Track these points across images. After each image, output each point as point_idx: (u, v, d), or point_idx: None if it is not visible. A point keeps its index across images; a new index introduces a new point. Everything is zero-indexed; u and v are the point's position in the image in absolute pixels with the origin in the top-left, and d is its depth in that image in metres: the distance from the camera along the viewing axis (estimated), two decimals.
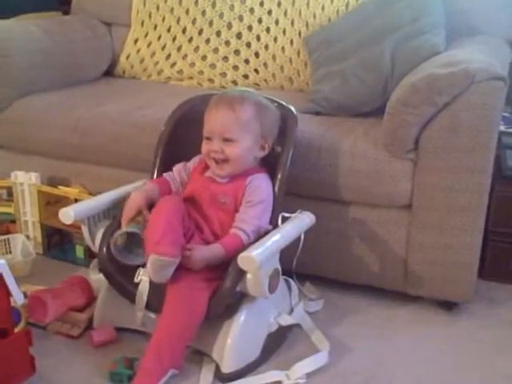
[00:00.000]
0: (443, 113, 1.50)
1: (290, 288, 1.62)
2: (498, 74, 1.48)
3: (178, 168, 1.58)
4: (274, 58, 2.21)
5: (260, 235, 1.41)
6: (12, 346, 1.29)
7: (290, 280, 1.63)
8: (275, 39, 2.21)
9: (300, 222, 1.49)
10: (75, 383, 1.38)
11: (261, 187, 1.47)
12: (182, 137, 1.62)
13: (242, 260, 1.30)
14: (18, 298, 1.33)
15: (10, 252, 1.84)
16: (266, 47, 2.22)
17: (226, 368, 1.38)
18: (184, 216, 1.41)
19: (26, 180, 1.89)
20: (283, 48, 2.20)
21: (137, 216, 1.45)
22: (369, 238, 1.65)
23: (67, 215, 1.50)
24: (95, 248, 1.54)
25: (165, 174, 1.58)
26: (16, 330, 1.36)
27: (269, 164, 1.53)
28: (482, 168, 1.52)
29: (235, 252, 1.34)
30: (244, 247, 1.35)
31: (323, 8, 2.14)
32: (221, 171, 1.48)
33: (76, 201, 1.78)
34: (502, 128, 1.80)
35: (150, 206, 1.46)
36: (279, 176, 1.51)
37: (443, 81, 1.48)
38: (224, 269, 1.37)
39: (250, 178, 1.47)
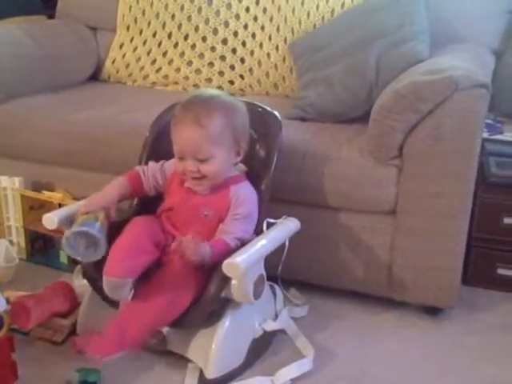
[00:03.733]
0: (427, 120, 1.51)
1: (274, 294, 1.62)
2: (481, 81, 1.49)
3: (153, 169, 1.51)
4: (259, 63, 2.21)
5: (243, 244, 1.39)
6: None
7: (275, 286, 1.63)
8: (261, 45, 2.22)
9: (285, 227, 1.49)
10: None
11: (247, 200, 1.44)
12: (167, 142, 1.59)
13: (227, 266, 1.30)
14: (0, 304, 1.32)
15: None
16: (252, 53, 2.23)
17: (211, 374, 1.38)
18: (156, 236, 1.41)
19: (9, 185, 1.88)
20: (269, 54, 2.20)
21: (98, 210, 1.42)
22: (353, 244, 1.66)
23: (50, 221, 1.48)
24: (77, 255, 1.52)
25: (139, 170, 1.52)
26: None
27: (253, 168, 1.52)
28: (466, 174, 1.54)
29: (221, 256, 1.34)
30: (229, 253, 1.34)
31: (308, 15, 2.15)
32: (200, 187, 1.44)
33: (60, 206, 1.76)
34: (485, 135, 1.82)
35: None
36: (264, 182, 1.51)
37: (427, 88, 1.49)
38: (208, 274, 1.36)
39: (233, 189, 1.44)
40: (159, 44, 2.35)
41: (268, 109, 1.60)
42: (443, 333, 1.63)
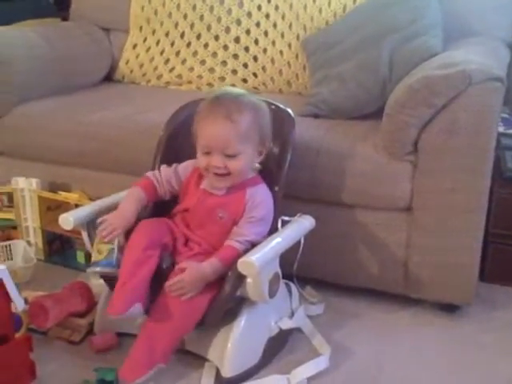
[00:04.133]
0: (441, 114, 1.50)
1: (290, 292, 1.62)
2: (495, 74, 1.48)
3: (166, 174, 1.51)
4: (272, 61, 2.21)
5: (254, 246, 1.38)
6: (12, 351, 1.30)
7: (291, 284, 1.63)
8: (273, 43, 2.21)
9: (299, 225, 1.49)
10: None
11: (262, 203, 1.43)
12: (181, 141, 1.61)
13: (242, 265, 1.30)
14: (18, 304, 1.33)
15: (12, 258, 1.84)
16: (265, 51, 2.22)
17: (227, 372, 1.38)
18: (161, 238, 1.42)
19: (26, 186, 1.89)
20: (281, 51, 2.20)
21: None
22: (369, 241, 1.65)
23: (67, 221, 1.49)
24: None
25: (151, 177, 1.51)
26: (17, 335, 1.36)
27: (267, 166, 1.51)
28: (481, 169, 1.52)
29: (231, 261, 1.34)
30: (239, 257, 1.32)
31: (320, 11, 2.14)
32: (221, 184, 1.43)
33: (76, 206, 1.78)
34: (501, 129, 1.80)
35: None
36: (278, 180, 1.50)
37: (441, 82, 1.48)
38: (224, 274, 1.37)
39: (249, 192, 1.43)
40: (172, 44, 2.35)
41: (281, 106, 1.60)
42: (460, 330, 1.62)
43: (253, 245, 1.38)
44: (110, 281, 1.43)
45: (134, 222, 1.44)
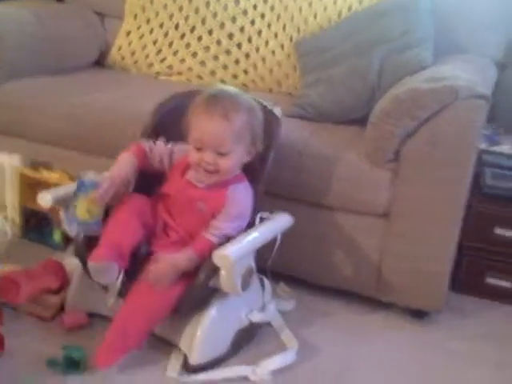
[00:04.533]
0: (425, 126, 1.53)
1: (263, 286, 1.63)
2: (480, 92, 1.52)
3: (161, 150, 1.51)
4: (263, 60, 2.23)
5: (230, 239, 1.40)
6: None
7: (264, 278, 1.64)
8: (266, 42, 2.23)
9: (277, 223, 1.51)
10: (44, 363, 1.38)
11: (241, 200, 1.45)
12: (166, 130, 1.61)
13: (217, 257, 1.32)
14: None
15: None
16: (257, 49, 2.24)
17: (194, 359, 1.40)
18: (145, 217, 1.44)
19: (7, 161, 1.89)
20: (273, 51, 2.22)
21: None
22: (345, 243, 1.68)
23: (45, 199, 1.49)
24: (72, 233, 1.54)
25: (145, 147, 1.51)
26: None
27: (250, 162, 1.51)
28: (460, 182, 1.56)
29: (206, 253, 1.37)
30: (213, 250, 1.35)
31: (315, 16, 2.17)
32: (209, 180, 1.44)
33: (56, 185, 1.77)
34: (483, 146, 1.84)
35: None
36: (260, 176, 1.52)
37: (427, 95, 1.51)
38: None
39: (231, 188, 1.44)
40: (165, 34, 2.36)
41: (269, 105, 1.60)
42: (429, 336, 1.65)
43: (228, 239, 1.40)
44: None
45: (130, 185, 1.47)
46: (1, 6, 2.23)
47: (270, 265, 1.57)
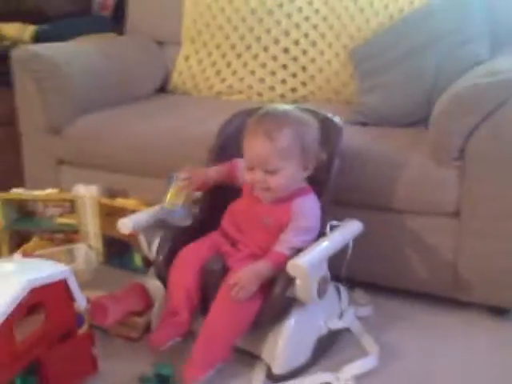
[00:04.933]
0: (487, 121, 1.53)
1: (339, 293, 1.66)
2: None
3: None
4: (320, 71, 2.26)
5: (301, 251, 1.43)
6: (76, 346, 1.40)
7: (340, 286, 1.67)
8: (321, 53, 2.27)
9: (347, 230, 1.54)
10: (136, 382, 1.45)
11: (308, 213, 1.48)
12: (232, 150, 1.66)
13: (291, 267, 1.36)
14: (81, 303, 1.42)
15: (74, 261, 1.93)
16: (313, 61, 2.28)
17: (278, 369, 1.44)
18: (202, 260, 1.52)
19: (87, 193, 1.99)
20: (329, 61, 2.25)
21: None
22: (418, 245, 1.69)
23: (125, 225, 1.59)
24: (152, 255, 1.62)
25: (238, 161, 1.59)
26: (79, 332, 1.44)
27: (315, 173, 1.54)
28: None
29: (280, 265, 1.40)
30: (287, 261, 1.39)
31: (368, 21, 2.19)
32: (266, 197, 1.49)
33: (133, 212, 1.86)
34: None
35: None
36: (325, 186, 1.55)
37: (487, 90, 1.51)
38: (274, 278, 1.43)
39: (295, 202, 1.48)
40: (223, 55, 2.44)
41: (328, 115, 1.65)
42: (510, 333, 1.63)
43: (298, 251, 1.43)
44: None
45: (211, 182, 1.60)
46: (68, 45, 2.37)
47: (345, 272, 1.60)
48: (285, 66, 2.33)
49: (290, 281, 1.39)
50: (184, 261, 1.53)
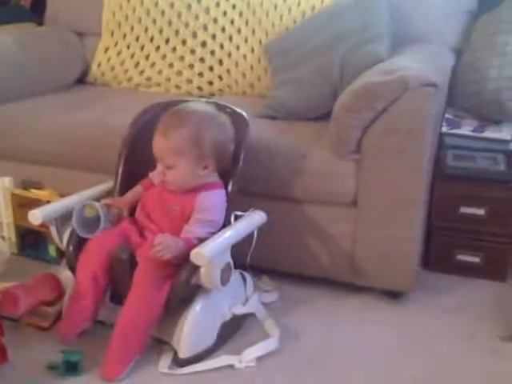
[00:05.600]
0: (382, 117, 1.63)
1: (245, 280, 1.73)
2: (430, 80, 1.61)
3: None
4: (236, 65, 2.33)
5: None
6: None
7: (245, 273, 1.74)
8: (237, 47, 2.33)
9: (251, 220, 1.62)
10: (45, 369, 1.49)
11: (212, 207, 1.56)
12: (145, 141, 1.69)
13: (195, 255, 1.43)
14: None
15: None
16: (229, 55, 2.34)
17: (183, 353, 1.51)
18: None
19: (1, 183, 1.99)
20: (245, 56, 2.32)
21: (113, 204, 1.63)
22: (318, 233, 1.79)
23: (35, 217, 1.62)
24: (63, 246, 1.66)
25: (150, 175, 1.69)
26: None
27: (224, 164, 1.62)
28: (418, 167, 1.66)
29: (188, 250, 1.46)
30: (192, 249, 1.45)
31: (281, 18, 2.26)
32: (169, 187, 1.59)
33: (48, 203, 1.88)
34: (445, 129, 1.94)
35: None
36: (232, 177, 1.63)
37: (380, 87, 1.62)
38: (180, 266, 1.50)
39: (200, 195, 1.55)
40: (142, 47, 2.47)
41: (237, 110, 1.72)
42: (403, 314, 1.75)
43: (201, 241, 1.49)
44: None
45: (126, 205, 1.66)
46: None
47: (250, 260, 1.68)
48: (202, 60, 2.38)
49: (195, 268, 1.46)
50: (91, 247, 1.58)
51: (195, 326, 1.52)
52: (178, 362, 1.52)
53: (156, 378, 1.49)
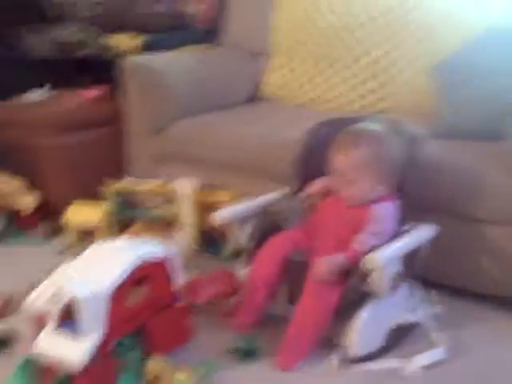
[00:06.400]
0: None
1: (414, 291, 1.76)
2: None
3: None
4: (406, 84, 2.37)
5: None
6: (174, 316, 1.61)
7: (416, 284, 1.75)
8: (410, 64, 2.37)
9: (421, 232, 1.66)
10: (224, 351, 1.64)
11: (384, 218, 1.62)
12: (319, 155, 1.76)
13: (368, 260, 1.51)
14: (179, 281, 1.63)
15: None
16: (400, 72, 2.39)
17: (353, 352, 1.59)
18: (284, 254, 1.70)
19: (185, 186, 2.19)
20: (415, 75, 2.35)
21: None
22: (494, 251, 1.77)
23: (217, 218, 1.80)
24: (243, 244, 1.82)
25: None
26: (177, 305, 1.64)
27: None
28: None
29: (355, 260, 1.54)
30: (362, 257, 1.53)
31: (448, 39, 2.27)
32: (347, 201, 1.66)
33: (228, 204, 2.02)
34: None
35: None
36: (402, 191, 1.69)
37: None
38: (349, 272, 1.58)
39: (374, 207, 1.62)
40: (315, 65, 2.58)
41: (408, 127, 1.78)
42: None
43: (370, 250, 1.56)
44: None
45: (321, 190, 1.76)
46: (170, 55, 2.60)
47: (420, 272, 1.70)
48: (374, 76, 2.43)
49: (365, 275, 1.53)
50: (267, 251, 1.72)
51: (365, 327, 1.58)
52: (347, 360, 1.60)
53: (326, 372, 1.58)
